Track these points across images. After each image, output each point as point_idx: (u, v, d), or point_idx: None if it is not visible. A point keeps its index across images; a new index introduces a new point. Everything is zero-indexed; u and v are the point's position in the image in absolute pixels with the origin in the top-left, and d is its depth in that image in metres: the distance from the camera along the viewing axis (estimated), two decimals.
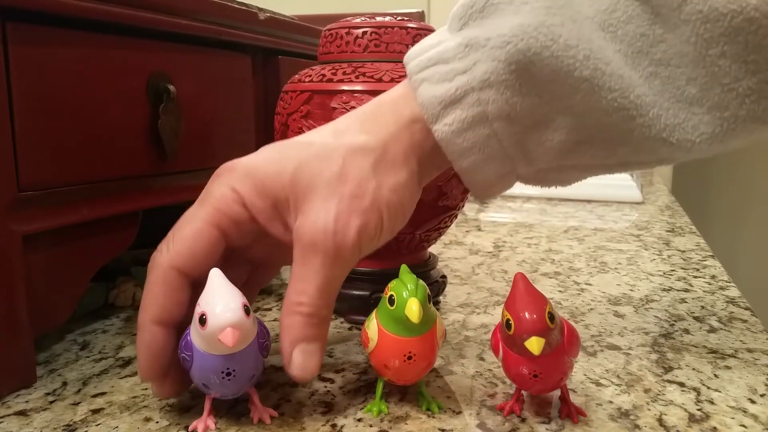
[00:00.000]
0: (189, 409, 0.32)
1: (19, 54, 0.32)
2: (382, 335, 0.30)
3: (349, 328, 0.43)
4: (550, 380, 0.29)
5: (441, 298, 0.49)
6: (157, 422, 0.31)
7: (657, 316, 0.45)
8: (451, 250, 0.67)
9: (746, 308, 0.47)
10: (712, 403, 0.32)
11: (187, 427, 0.30)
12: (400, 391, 0.33)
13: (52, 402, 0.33)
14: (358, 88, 0.39)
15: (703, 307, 0.47)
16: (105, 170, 0.38)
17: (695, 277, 0.56)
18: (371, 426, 0.30)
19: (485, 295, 0.51)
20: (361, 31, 0.41)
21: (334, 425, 0.30)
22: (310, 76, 0.41)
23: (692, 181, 1.60)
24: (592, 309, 0.47)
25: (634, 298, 0.50)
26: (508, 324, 0.29)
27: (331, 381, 0.35)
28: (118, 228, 0.40)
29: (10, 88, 0.31)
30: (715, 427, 0.30)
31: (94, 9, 0.35)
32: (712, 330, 0.43)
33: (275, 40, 0.55)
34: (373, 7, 0.60)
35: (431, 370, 0.35)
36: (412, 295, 0.29)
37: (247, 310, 0.27)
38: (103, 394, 0.34)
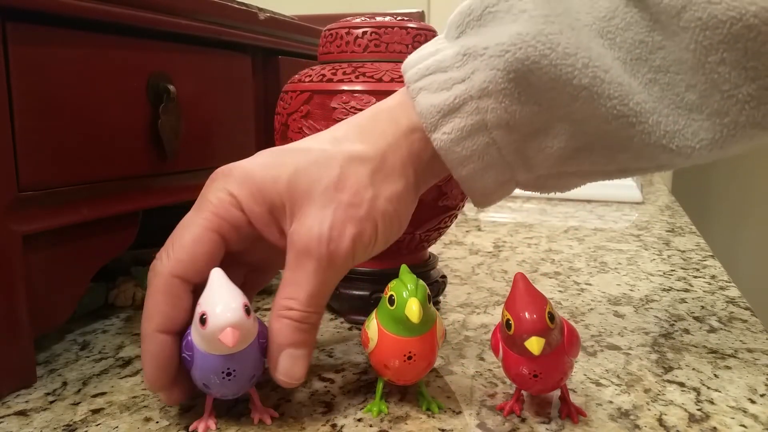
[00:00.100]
0: (189, 409, 0.32)
1: (19, 54, 0.32)
2: (382, 335, 0.30)
3: (349, 328, 0.43)
4: (550, 380, 0.29)
5: (441, 298, 0.49)
6: (157, 422, 0.31)
7: (657, 316, 0.45)
8: (451, 250, 0.67)
9: (746, 308, 0.47)
10: (712, 403, 0.32)
11: (188, 427, 0.30)
12: (400, 391, 0.33)
13: (52, 402, 0.33)
14: (358, 88, 0.39)
15: (703, 307, 0.47)
16: (105, 170, 0.38)
17: (695, 277, 0.56)
18: (371, 426, 0.30)
19: (485, 295, 0.51)
20: (361, 31, 0.41)
21: (334, 425, 0.30)
22: (310, 76, 0.41)
23: (692, 181, 1.60)
24: (592, 309, 0.47)
25: (634, 298, 0.50)
26: (508, 324, 0.29)
27: (331, 381, 0.35)
28: (118, 228, 0.40)
29: (10, 88, 0.31)
30: (715, 427, 0.30)
31: (94, 9, 0.36)
32: (712, 330, 0.43)
33: (275, 40, 0.55)
34: (373, 7, 0.60)
35: (431, 370, 0.35)
36: (412, 295, 0.29)
37: (248, 310, 0.27)
38: (103, 394, 0.34)
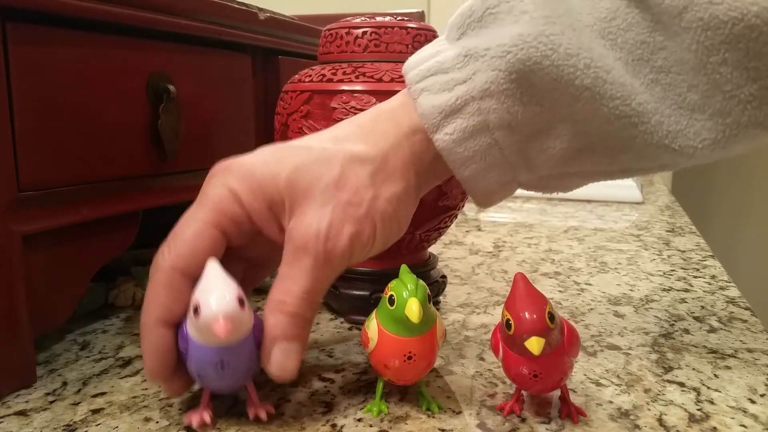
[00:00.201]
0: (189, 409, 0.32)
1: (19, 54, 0.32)
2: (382, 335, 0.30)
3: (349, 328, 0.43)
4: (550, 380, 0.29)
5: (441, 298, 0.49)
6: (157, 422, 0.31)
7: (657, 316, 0.45)
8: (451, 250, 0.67)
9: (746, 308, 0.47)
10: (712, 403, 0.32)
11: (188, 428, 0.30)
12: (400, 391, 0.33)
13: (52, 402, 0.33)
14: (358, 88, 0.39)
15: (703, 307, 0.47)
16: (105, 170, 0.38)
17: (695, 277, 0.56)
18: (371, 426, 0.30)
19: (485, 295, 0.51)
20: (361, 31, 0.41)
21: (334, 425, 0.30)
22: (310, 76, 0.41)
23: (692, 181, 1.60)
24: (592, 309, 0.47)
25: (634, 298, 0.50)
26: (508, 324, 0.29)
27: (331, 381, 0.35)
28: (118, 228, 0.40)
29: (10, 88, 0.31)
30: (715, 427, 0.30)
31: (94, 9, 0.35)
32: (712, 330, 0.43)
33: (275, 40, 0.55)
34: (373, 7, 0.60)
35: (431, 370, 0.35)
36: (412, 295, 0.29)
37: (242, 302, 0.27)
38: (103, 394, 0.34)
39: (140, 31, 0.40)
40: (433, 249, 0.66)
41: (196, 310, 0.27)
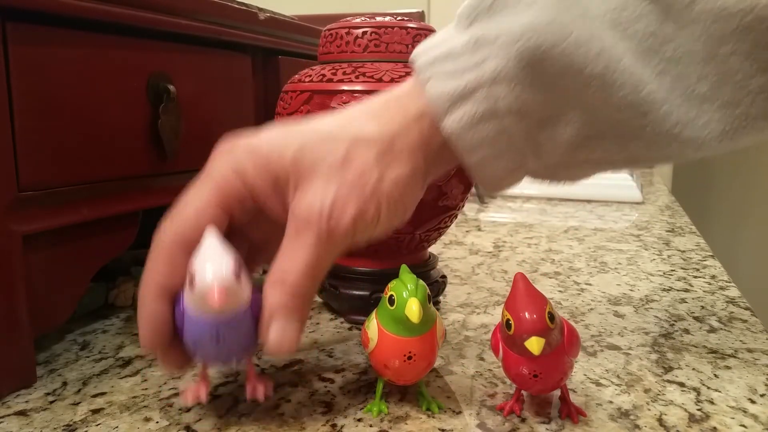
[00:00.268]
0: (189, 410, 0.32)
1: (19, 54, 0.32)
2: (382, 335, 0.30)
3: (349, 328, 0.43)
4: (550, 380, 0.29)
5: (441, 298, 0.49)
6: (157, 422, 0.31)
7: (657, 316, 0.45)
8: (451, 250, 0.67)
9: (746, 308, 0.47)
10: (712, 403, 0.32)
11: (188, 427, 0.30)
12: (400, 391, 0.33)
13: (52, 402, 0.33)
14: (358, 88, 0.39)
15: (703, 307, 0.47)
16: (105, 170, 0.38)
17: (695, 277, 0.56)
18: (371, 426, 0.30)
19: (485, 295, 0.51)
20: (361, 31, 0.41)
21: (334, 425, 0.30)
22: (310, 76, 0.41)
23: (692, 181, 1.60)
24: (592, 309, 0.47)
25: (634, 298, 0.50)
26: (508, 324, 0.29)
27: (331, 381, 0.35)
28: (118, 228, 0.40)
29: (10, 88, 0.31)
30: (715, 427, 0.30)
31: (94, 9, 0.36)
32: (712, 330, 0.43)
33: (275, 40, 0.55)
34: (373, 7, 0.59)
35: (431, 370, 0.35)
36: (412, 295, 0.29)
37: (239, 273, 0.26)
38: (103, 394, 0.34)
39: (140, 31, 0.40)
40: (433, 249, 0.66)
41: (192, 281, 0.26)
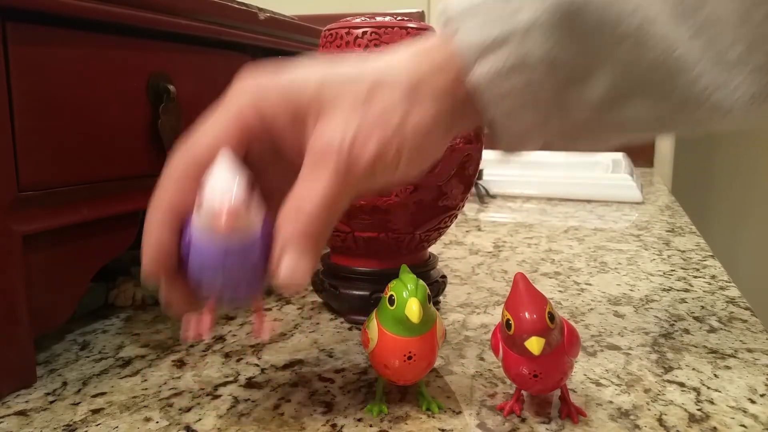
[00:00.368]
0: (189, 410, 0.32)
1: (19, 54, 0.32)
2: (382, 335, 0.30)
3: (349, 328, 0.43)
4: (550, 380, 0.29)
5: (441, 298, 0.49)
6: (157, 422, 0.31)
7: (657, 316, 0.45)
8: (451, 250, 0.67)
9: (746, 308, 0.47)
10: (712, 403, 0.32)
11: (188, 427, 0.30)
12: (400, 391, 0.33)
13: (52, 402, 0.33)
14: None
15: (703, 307, 0.47)
16: (105, 170, 0.38)
17: (695, 277, 0.56)
18: (371, 426, 0.30)
19: (485, 295, 0.51)
20: (361, 31, 0.41)
21: (334, 425, 0.30)
22: None
23: (692, 181, 1.60)
24: (592, 309, 0.47)
25: (634, 298, 0.50)
26: (508, 324, 0.29)
27: (331, 381, 0.35)
28: (118, 228, 0.40)
29: (10, 88, 0.31)
30: (715, 427, 0.30)
31: (94, 9, 0.35)
32: (712, 330, 0.43)
33: (275, 40, 0.55)
34: (373, 7, 0.59)
35: (431, 370, 0.35)
36: (412, 295, 0.29)
37: (249, 197, 0.26)
38: (103, 394, 0.34)
39: (140, 31, 0.40)
40: (433, 249, 0.66)
41: (201, 202, 0.25)
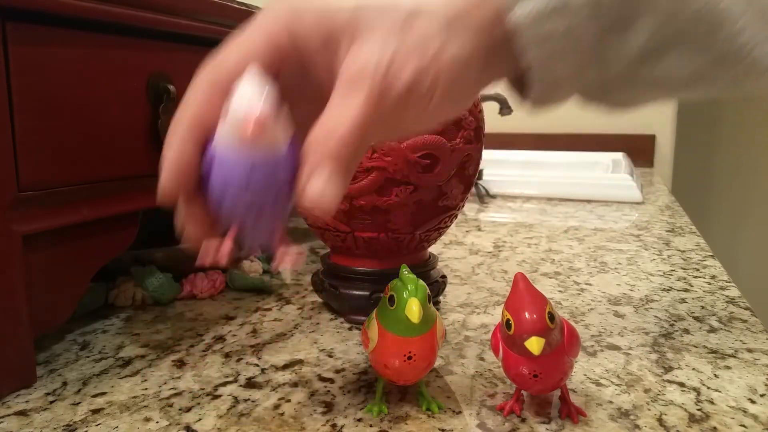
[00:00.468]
0: (189, 410, 0.32)
1: (19, 54, 0.32)
2: (382, 335, 0.30)
3: (349, 328, 0.43)
4: (550, 380, 0.29)
5: (441, 298, 0.49)
6: (157, 422, 0.31)
7: (657, 316, 0.45)
8: (451, 250, 0.67)
9: (746, 308, 0.47)
10: (712, 403, 0.32)
11: (188, 427, 0.30)
12: (400, 391, 0.33)
13: (52, 402, 0.33)
14: None
15: (703, 307, 0.47)
16: (105, 170, 0.38)
17: (695, 277, 0.56)
18: (371, 426, 0.30)
19: (485, 295, 0.51)
20: None
21: (334, 425, 0.30)
22: None
23: (692, 181, 1.60)
24: (592, 309, 0.47)
25: (634, 298, 0.50)
26: (508, 324, 0.29)
27: (331, 381, 0.35)
28: (118, 228, 0.40)
29: (10, 88, 0.31)
30: (715, 427, 0.30)
31: (94, 9, 0.36)
32: (712, 330, 0.43)
33: None
34: None
35: (431, 370, 0.35)
36: (412, 295, 0.29)
37: (277, 112, 0.25)
38: (103, 394, 0.34)
39: (140, 31, 0.40)
40: (433, 249, 0.66)
41: (227, 112, 0.25)
